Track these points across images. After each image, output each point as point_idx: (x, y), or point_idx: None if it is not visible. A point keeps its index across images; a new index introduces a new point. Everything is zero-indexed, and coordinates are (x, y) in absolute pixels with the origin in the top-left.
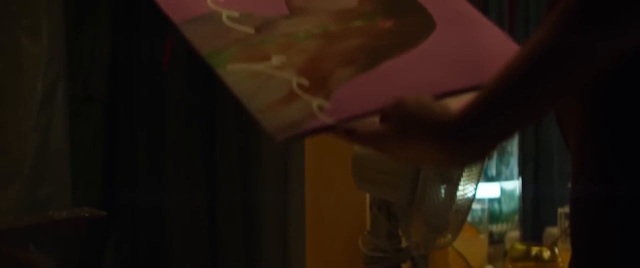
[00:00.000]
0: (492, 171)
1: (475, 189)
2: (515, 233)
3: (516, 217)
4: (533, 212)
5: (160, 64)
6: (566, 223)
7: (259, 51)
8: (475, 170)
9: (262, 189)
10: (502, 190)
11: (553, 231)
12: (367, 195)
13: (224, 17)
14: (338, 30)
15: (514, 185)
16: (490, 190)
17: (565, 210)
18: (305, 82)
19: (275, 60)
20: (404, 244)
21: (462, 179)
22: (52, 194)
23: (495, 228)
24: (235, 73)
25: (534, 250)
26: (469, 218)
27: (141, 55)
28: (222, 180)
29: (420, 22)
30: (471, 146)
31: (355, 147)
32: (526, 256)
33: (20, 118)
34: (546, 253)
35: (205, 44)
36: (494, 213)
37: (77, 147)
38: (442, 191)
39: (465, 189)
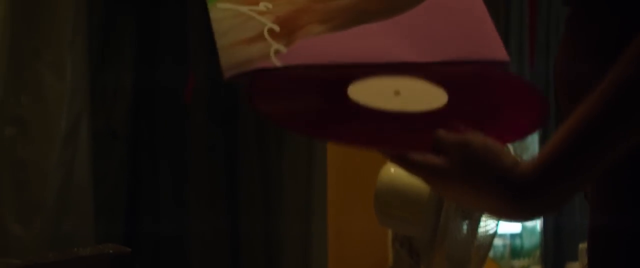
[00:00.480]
0: None
1: (497, 225)
2: None
3: (538, 252)
4: (554, 247)
5: (182, 97)
6: (587, 259)
7: None
8: None
9: (284, 223)
10: (524, 226)
11: (574, 266)
12: (389, 231)
13: None
14: None
15: (536, 221)
16: (511, 225)
17: (585, 245)
18: (276, 28)
19: (262, 5)
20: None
21: (483, 215)
22: (75, 229)
23: (517, 263)
24: (221, 10)
25: None
26: (490, 253)
27: (164, 89)
28: (244, 213)
29: None
30: (545, 200)
31: (378, 183)
32: None
33: (44, 153)
34: None
35: None
36: (515, 249)
37: (100, 181)
38: (464, 227)
39: (487, 225)
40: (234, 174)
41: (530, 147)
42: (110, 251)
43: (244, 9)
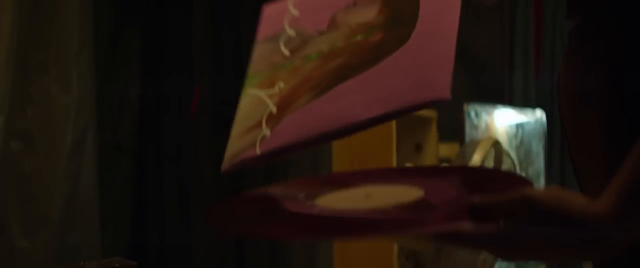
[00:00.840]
0: None
1: None
2: None
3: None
4: None
5: (188, 111)
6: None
7: (274, 77)
8: None
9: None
10: None
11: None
12: (395, 245)
13: (281, 38)
14: (340, 47)
15: None
16: None
17: None
18: (274, 110)
19: (276, 86)
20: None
21: None
22: (81, 241)
23: None
24: (247, 97)
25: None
26: (496, 266)
27: (169, 102)
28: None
29: (399, 35)
30: (626, 236)
31: None
32: None
33: (50, 166)
34: None
35: (255, 65)
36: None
37: (106, 194)
38: None
39: None
40: (239, 186)
41: (535, 162)
42: (117, 265)
43: (262, 93)
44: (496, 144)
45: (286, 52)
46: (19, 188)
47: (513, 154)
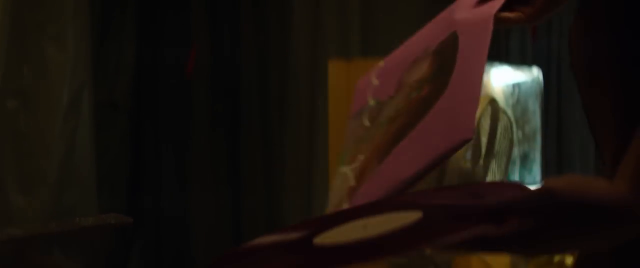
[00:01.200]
0: (515, 177)
1: None
2: None
3: None
4: None
5: (184, 71)
6: None
7: (357, 151)
8: (498, 175)
9: (286, 196)
10: None
11: None
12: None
13: (365, 111)
14: (401, 108)
15: None
16: None
17: None
18: (353, 183)
19: (358, 160)
20: (427, 251)
21: None
22: (77, 200)
23: None
24: (338, 175)
25: (557, 257)
26: None
27: (166, 62)
28: (246, 186)
29: (441, 84)
30: None
31: None
32: (549, 262)
33: (46, 125)
34: (569, 260)
35: (345, 143)
36: None
37: (103, 153)
38: None
39: None
40: (236, 148)
41: (532, 120)
42: (112, 221)
43: (347, 169)
44: (493, 102)
45: (367, 123)
46: (15, 147)
47: (509, 112)
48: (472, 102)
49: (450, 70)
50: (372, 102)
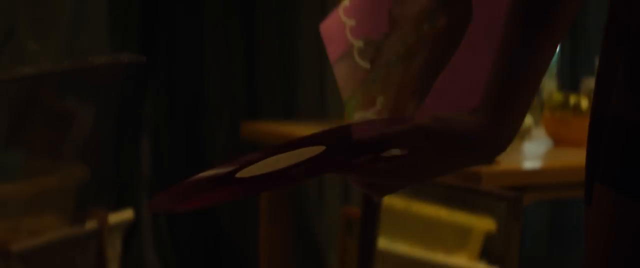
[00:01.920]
0: None
1: None
2: (552, 83)
3: (554, 69)
4: (570, 62)
5: None
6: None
7: (371, 94)
8: None
9: (299, 31)
10: None
11: (591, 81)
12: None
13: (354, 52)
14: (413, 42)
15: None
16: None
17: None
18: None
19: (379, 102)
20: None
21: None
22: (90, 42)
23: None
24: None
25: (572, 99)
26: None
27: None
28: (260, 22)
29: (458, 14)
30: (511, 129)
31: None
32: (564, 105)
33: None
34: (584, 103)
35: (344, 88)
36: None
37: None
38: None
39: None
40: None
41: None
42: (126, 59)
43: (369, 114)
44: None
45: (365, 65)
46: None
47: None
48: None
49: None
50: (358, 43)
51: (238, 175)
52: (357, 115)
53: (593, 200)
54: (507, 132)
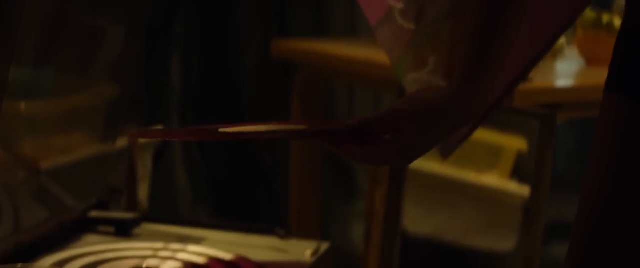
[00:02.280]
0: None
1: None
2: None
3: None
4: None
5: None
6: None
7: (421, 54)
8: None
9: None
10: None
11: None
12: None
13: (396, 14)
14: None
15: None
16: None
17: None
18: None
19: (431, 62)
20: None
21: None
22: None
23: None
24: (410, 84)
25: (605, 18)
26: None
27: None
28: None
29: None
30: (480, 99)
31: None
32: (597, 24)
33: None
34: (617, 22)
35: (391, 52)
36: None
37: None
38: None
39: None
40: None
41: None
42: None
43: (422, 75)
44: None
45: (410, 25)
46: None
47: None
48: None
49: None
50: (399, 4)
51: (220, 130)
52: (410, 77)
53: (601, 108)
54: (474, 107)
